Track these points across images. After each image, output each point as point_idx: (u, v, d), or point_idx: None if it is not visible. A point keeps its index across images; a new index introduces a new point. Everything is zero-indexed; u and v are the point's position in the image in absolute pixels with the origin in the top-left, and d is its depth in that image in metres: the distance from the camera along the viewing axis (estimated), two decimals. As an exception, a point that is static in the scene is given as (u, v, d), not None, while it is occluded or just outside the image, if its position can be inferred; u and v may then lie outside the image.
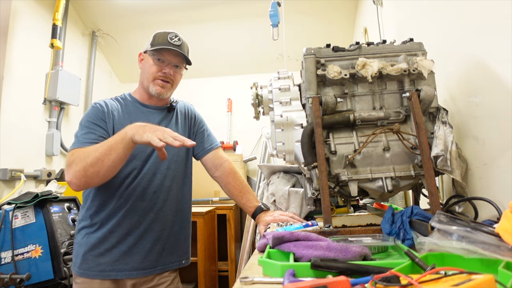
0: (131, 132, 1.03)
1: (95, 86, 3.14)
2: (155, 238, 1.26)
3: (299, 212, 1.40)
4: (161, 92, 1.31)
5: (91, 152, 1.07)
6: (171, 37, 1.29)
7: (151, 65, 1.30)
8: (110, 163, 1.06)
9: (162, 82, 1.30)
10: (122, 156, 1.06)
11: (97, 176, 1.08)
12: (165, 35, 1.30)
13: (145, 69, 1.32)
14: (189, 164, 1.42)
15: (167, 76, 1.30)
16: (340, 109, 0.97)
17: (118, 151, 1.04)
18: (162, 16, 2.94)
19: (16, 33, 2.33)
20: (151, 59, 1.30)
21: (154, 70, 1.29)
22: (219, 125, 3.32)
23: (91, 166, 1.06)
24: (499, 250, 0.49)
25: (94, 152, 1.07)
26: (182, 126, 1.42)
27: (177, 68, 1.33)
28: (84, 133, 1.19)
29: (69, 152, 1.16)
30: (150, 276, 1.25)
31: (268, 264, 0.64)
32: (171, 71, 1.30)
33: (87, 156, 1.07)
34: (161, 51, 1.29)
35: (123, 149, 1.04)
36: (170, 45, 1.28)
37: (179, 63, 1.33)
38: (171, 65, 1.30)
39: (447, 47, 1.07)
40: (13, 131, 2.28)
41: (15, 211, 1.77)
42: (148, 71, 1.31)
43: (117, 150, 1.04)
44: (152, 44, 1.30)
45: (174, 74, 1.32)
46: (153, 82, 1.30)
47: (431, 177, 0.83)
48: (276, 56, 3.19)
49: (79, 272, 1.21)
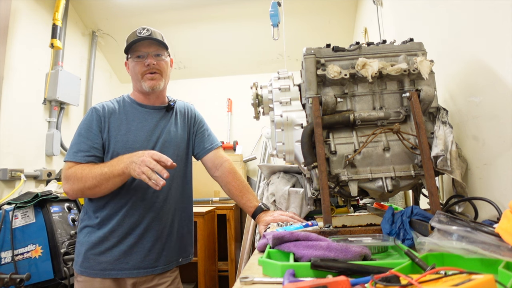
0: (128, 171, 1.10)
1: (95, 86, 3.14)
2: (155, 237, 1.27)
3: (299, 212, 1.40)
4: (153, 84, 1.31)
5: (89, 178, 1.15)
6: (139, 32, 1.31)
7: (134, 65, 1.32)
8: (106, 190, 1.17)
9: (150, 75, 1.31)
10: (118, 185, 1.17)
11: (93, 196, 1.22)
12: (134, 33, 1.32)
13: (132, 72, 1.34)
14: (189, 164, 1.43)
15: (152, 68, 1.30)
16: (340, 109, 0.97)
17: (114, 182, 1.15)
18: (162, 16, 2.94)
19: (16, 33, 2.33)
20: (132, 60, 1.32)
21: (138, 68, 1.31)
22: (219, 125, 3.32)
23: (89, 189, 1.16)
24: (499, 250, 0.49)
25: (92, 179, 1.15)
26: (181, 126, 1.42)
27: (158, 57, 1.33)
28: (77, 143, 1.25)
29: (65, 164, 1.23)
30: (151, 276, 1.26)
31: (268, 264, 0.64)
32: (153, 61, 1.30)
33: (85, 179, 1.16)
34: (135, 47, 1.30)
35: (120, 181, 1.16)
36: (138, 38, 1.29)
37: (158, 51, 1.33)
38: (150, 55, 1.31)
39: (447, 47, 1.07)
40: (13, 131, 2.28)
41: (15, 211, 1.77)
42: (134, 71, 1.33)
43: (114, 181, 1.15)
44: (126, 46, 1.31)
45: (158, 63, 1.32)
46: (143, 79, 1.31)
47: (431, 177, 0.83)
48: (276, 56, 3.19)
49: (80, 270, 1.22)
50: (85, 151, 1.22)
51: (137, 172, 1.07)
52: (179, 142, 1.37)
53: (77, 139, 1.25)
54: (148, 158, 1.07)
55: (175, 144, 1.36)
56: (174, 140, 1.36)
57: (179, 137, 1.38)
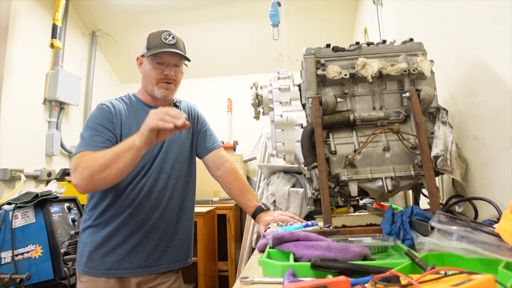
0: (138, 140, 1.00)
1: (95, 86, 3.14)
2: (159, 236, 1.27)
3: (299, 212, 1.40)
4: (166, 94, 1.31)
5: (98, 158, 1.06)
6: (165, 37, 1.28)
7: (151, 70, 1.28)
8: (116, 171, 1.05)
9: (166, 85, 1.30)
10: (129, 164, 1.05)
11: (103, 182, 1.08)
12: (159, 36, 1.28)
13: (146, 73, 1.31)
14: (193, 163, 1.43)
15: (169, 78, 1.29)
16: (340, 109, 0.97)
17: (125, 159, 1.03)
18: (162, 16, 2.94)
19: (16, 33, 2.33)
20: (150, 63, 1.28)
21: (155, 74, 1.28)
22: (219, 125, 3.32)
23: (98, 173, 1.05)
24: (499, 250, 0.49)
25: (101, 158, 1.05)
26: None
27: (177, 67, 1.32)
28: (91, 135, 1.18)
29: (77, 154, 1.15)
30: (154, 275, 1.26)
31: (268, 264, 0.64)
32: (172, 72, 1.29)
33: (94, 162, 1.06)
34: (158, 54, 1.27)
35: (130, 157, 1.03)
36: (165, 46, 1.27)
37: (178, 62, 1.32)
38: (171, 65, 1.29)
39: (447, 47, 1.07)
40: (13, 131, 2.28)
41: (15, 211, 1.77)
42: (149, 75, 1.29)
43: (124, 158, 1.03)
44: (148, 47, 1.28)
45: (175, 74, 1.31)
46: (157, 86, 1.29)
47: (431, 177, 0.83)
48: (276, 56, 3.19)
49: (84, 270, 1.22)
50: (100, 142, 1.17)
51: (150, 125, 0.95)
52: (183, 142, 1.38)
53: (90, 131, 1.19)
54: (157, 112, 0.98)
55: (180, 144, 1.36)
56: (179, 140, 1.36)
57: (184, 137, 1.39)
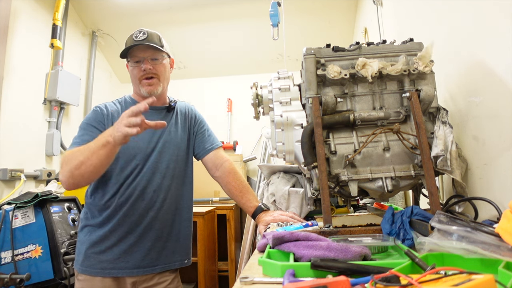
0: (112, 138, 1.03)
1: (95, 86, 3.14)
2: (155, 236, 1.27)
3: (299, 212, 1.40)
4: (151, 90, 1.31)
5: (76, 155, 1.10)
6: (135, 36, 1.30)
7: (132, 70, 1.33)
8: (92, 167, 1.08)
9: (147, 81, 1.31)
10: (104, 161, 1.08)
11: (82, 178, 1.11)
12: (130, 37, 1.31)
13: (131, 75, 1.35)
14: (189, 164, 1.43)
15: (148, 72, 1.30)
16: (340, 109, 0.97)
17: (99, 156, 1.06)
18: (162, 16, 2.94)
19: (16, 33, 2.33)
20: (130, 64, 1.33)
21: (135, 72, 1.32)
22: (219, 125, 3.32)
23: (76, 169, 1.09)
24: (499, 250, 0.49)
25: (79, 155, 1.09)
26: (182, 126, 1.42)
27: (155, 61, 1.32)
28: (80, 135, 1.23)
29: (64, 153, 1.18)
30: (150, 275, 1.26)
31: (268, 264, 0.64)
32: (148, 66, 1.30)
33: (73, 158, 1.10)
34: (131, 52, 1.31)
35: (105, 154, 1.06)
36: (135, 42, 1.28)
37: (154, 55, 1.32)
38: (146, 60, 1.30)
39: (447, 47, 1.07)
40: (13, 131, 2.28)
41: (15, 211, 1.77)
42: (132, 76, 1.34)
43: (99, 155, 1.06)
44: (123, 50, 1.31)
45: (154, 67, 1.31)
46: (141, 84, 1.32)
47: (431, 177, 0.83)
48: (276, 56, 3.19)
49: (81, 269, 1.23)
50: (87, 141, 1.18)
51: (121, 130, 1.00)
52: (179, 143, 1.38)
53: (80, 132, 1.26)
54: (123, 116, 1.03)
55: (175, 144, 1.36)
56: (174, 140, 1.36)
57: (180, 137, 1.39)
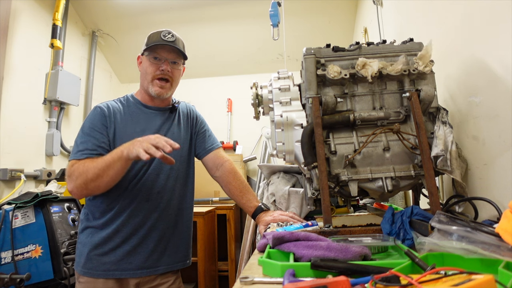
0: (126, 151, 1.08)
1: (95, 86, 3.14)
2: (158, 237, 1.27)
3: (299, 212, 1.40)
4: (160, 92, 1.31)
5: (91, 168, 1.13)
6: (164, 35, 1.29)
7: (148, 65, 1.30)
8: (109, 179, 1.13)
9: (160, 83, 1.30)
10: (120, 172, 1.13)
11: (98, 189, 1.17)
12: (158, 34, 1.30)
13: (144, 70, 1.33)
14: (191, 164, 1.43)
15: (165, 74, 1.30)
16: (340, 109, 0.97)
17: (115, 168, 1.11)
18: (162, 16, 2.94)
19: (16, 33, 2.33)
20: (148, 59, 1.30)
21: (151, 69, 1.30)
22: (219, 125, 3.32)
23: (92, 181, 1.13)
24: (499, 250, 0.49)
25: (94, 168, 1.12)
26: (184, 127, 1.42)
27: (174, 65, 1.32)
28: (83, 142, 1.22)
29: (69, 162, 1.21)
30: (153, 276, 1.26)
31: (268, 264, 0.64)
32: (168, 67, 1.30)
33: (87, 171, 1.13)
34: (155, 49, 1.29)
35: (120, 166, 1.12)
36: (163, 41, 1.28)
37: (176, 59, 1.32)
38: (168, 61, 1.30)
39: (447, 47, 1.07)
40: (13, 131, 2.28)
41: (15, 211, 1.77)
42: (146, 71, 1.31)
43: (114, 167, 1.11)
44: (147, 44, 1.30)
45: (172, 71, 1.32)
46: (152, 83, 1.30)
47: (431, 177, 0.83)
48: (276, 56, 3.19)
49: (83, 271, 1.21)
50: (91, 150, 1.20)
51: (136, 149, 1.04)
52: (182, 143, 1.37)
53: (82, 137, 1.23)
54: (148, 139, 1.08)
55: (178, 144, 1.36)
56: (177, 141, 1.34)
57: (182, 138, 1.39)
